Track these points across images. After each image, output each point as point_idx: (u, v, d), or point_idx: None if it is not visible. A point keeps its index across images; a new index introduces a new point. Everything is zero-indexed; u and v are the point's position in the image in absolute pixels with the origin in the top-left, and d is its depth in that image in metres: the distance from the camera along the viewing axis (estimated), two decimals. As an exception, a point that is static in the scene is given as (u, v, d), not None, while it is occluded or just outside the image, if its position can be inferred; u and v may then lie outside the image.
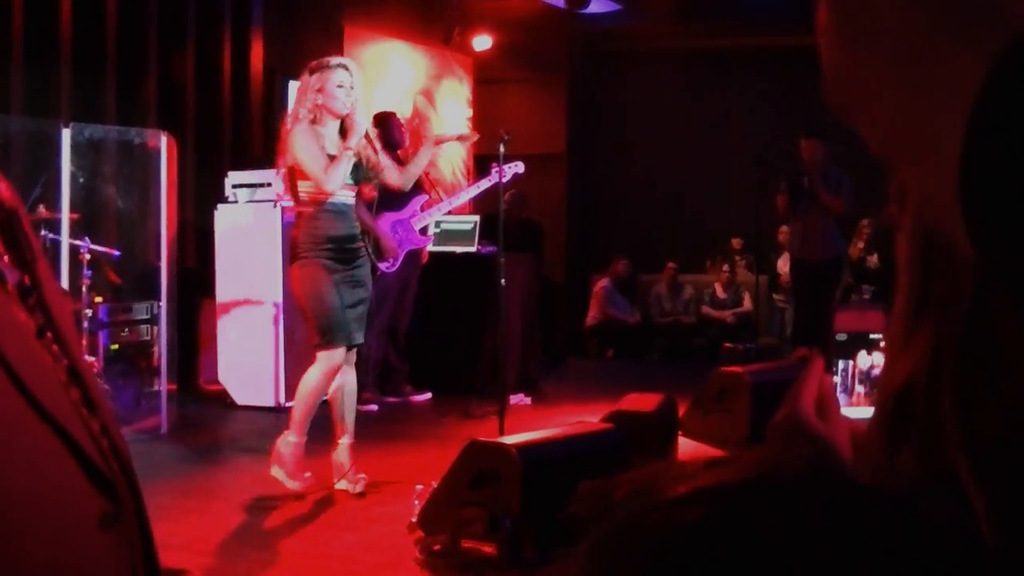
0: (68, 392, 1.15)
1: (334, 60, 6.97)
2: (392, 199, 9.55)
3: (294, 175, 6.79)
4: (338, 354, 6.77)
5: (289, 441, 6.85)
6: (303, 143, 6.70)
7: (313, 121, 6.77)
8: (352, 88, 6.83)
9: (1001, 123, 0.63)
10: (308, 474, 6.87)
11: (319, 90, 6.76)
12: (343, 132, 6.86)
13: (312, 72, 6.83)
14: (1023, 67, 0.63)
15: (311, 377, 6.79)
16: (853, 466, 1.07)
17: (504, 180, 10.12)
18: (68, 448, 1.09)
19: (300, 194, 6.80)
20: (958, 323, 0.79)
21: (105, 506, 1.14)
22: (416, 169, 7.82)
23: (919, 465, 0.87)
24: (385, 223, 10.00)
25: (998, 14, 0.67)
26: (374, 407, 10.18)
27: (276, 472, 6.85)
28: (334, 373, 6.81)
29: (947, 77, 0.68)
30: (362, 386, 10.21)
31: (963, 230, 0.65)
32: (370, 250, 9.73)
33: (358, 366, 6.90)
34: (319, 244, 6.71)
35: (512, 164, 10.07)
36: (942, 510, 0.71)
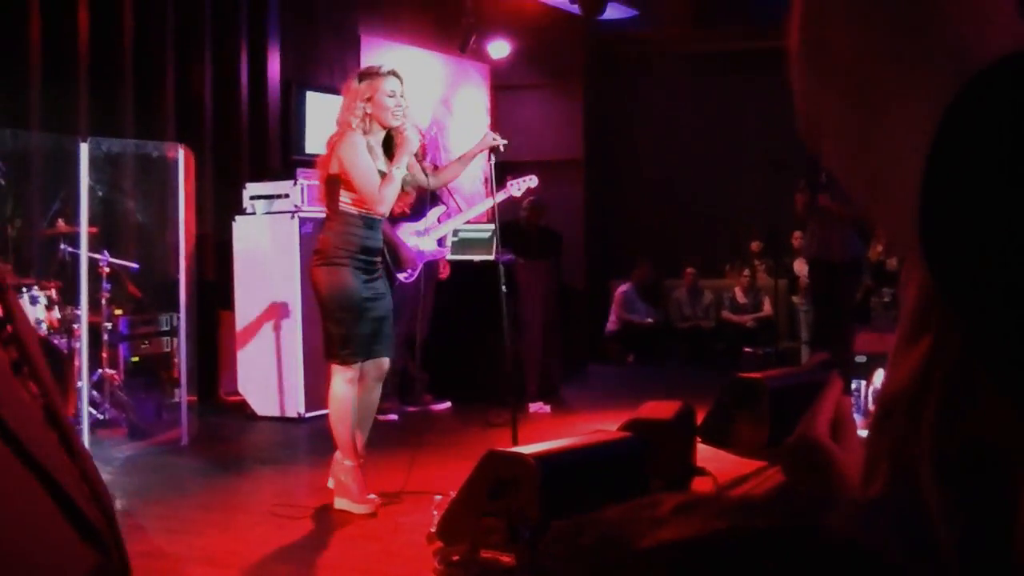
0: (48, 433, 1.08)
1: (384, 67, 6.77)
2: (410, 210, 9.58)
3: (338, 183, 6.64)
4: (353, 364, 6.72)
5: (346, 466, 6.73)
6: (356, 155, 6.56)
7: (363, 131, 6.65)
8: (402, 98, 6.71)
9: (957, 168, 0.64)
10: (373, 495, 6.77)
11: (368, 99, 6.61)
12: (387, 143, 6.77)
13: (361, 79, 6.69)
14: (975, 110, 0.64)
15: (334, 393, 6.71)
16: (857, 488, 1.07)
17: (518, 194, 10.18)
18: (53, 496, 1.04)
19: (341, 204, 6.67)
20: (953, 339, 0.79)
21: (94, 558, 1.08)
22: (448, 176, 7.74)
23: (891, 475, 0.88)
24: (404, 233, 10.02)
25: (950, 54, 0.68)
26: (394, 416, 10.19)
27: (341, 503, 6.74)
28: (355, 379, 6.74)
29: (903, 116, 0.69)
30: (382, 396, 10.25)
31: (925, 267, 0.66)
32: (389, 260, 9.79)
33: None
34: (352, 252, 6.63)
35: (526, 178, 10.12)
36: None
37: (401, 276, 9.94)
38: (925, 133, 0.65)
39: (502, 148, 7.39)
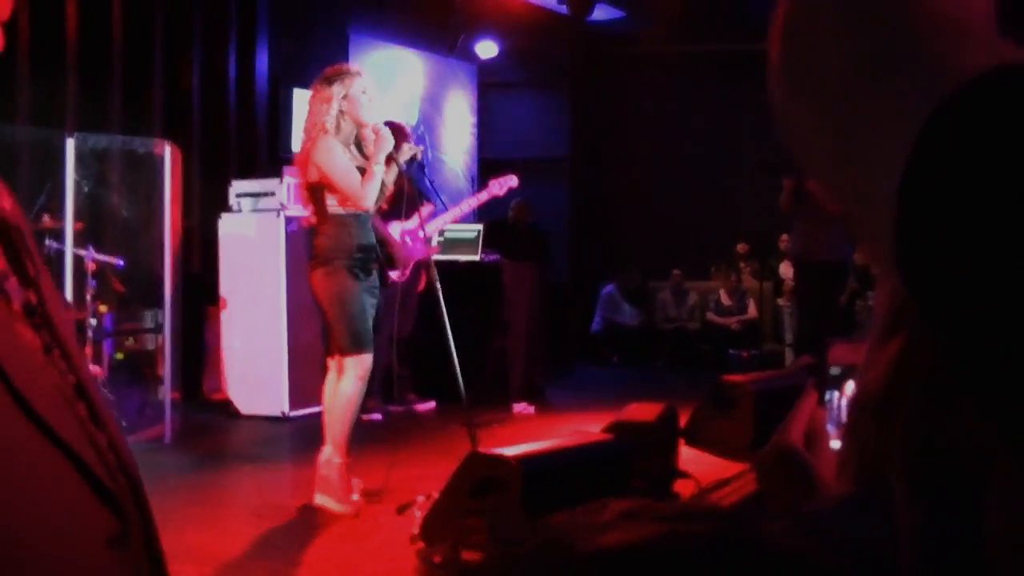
0: (74, 408, 1.16)
1: (352, 68, 6.91)
2: (397, 209, 9.57)
3: (322, 189, 6.68)
4: (368, 359, 6.74)
5: (334, 463, 6.68)
6: (333, 157, 6.62)
7: (336, 132, 6.70)
8: (372, 96, 6.81)
9: (934, 184, 0.65)
10: (355, 496, 6.75)
11: (344, 97, 6.68)
12: (357, 142, 6.82)
13: (331, 81, 6.73)
14: (952, 126, 0.65)
15: (346, 388, 6.68)
16: (833, 493, 1.09)
17: (501, 193, 10.20)
18: (74, 466, 1.11)
19: (329, 208, 6.70)
20: (924, 342, 0.80)
21: (112, 524, 1.15)
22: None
23: (857, 475, 0.89)
24: (394, 233, 10.02)
25: (928, 71, 0.69)
26: (378, 416, 10.19)
27: (322, 500, 6.69)
28: (366, 378, 6.77)
29: (881, 132, 0.69)
30: (367, 395, 10.23)
31: (900, 279, 0.67)
32: (382, 260, 9.79)
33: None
34: (349, 253, 6.66)
35: (507, 178, 10.16)
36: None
37: (393, 275, 9.95)
38: (903, 149, 0.66)
39: (418, 157, 7.35)
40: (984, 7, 0.74)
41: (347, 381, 6.69)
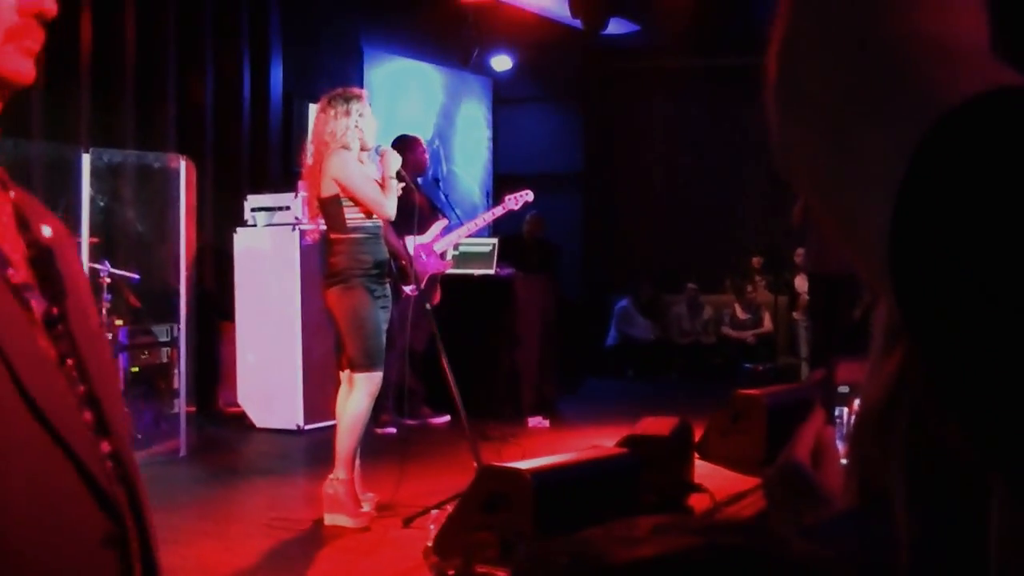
0: (80, 415, 1.23)
1: (362, 91, 7.06)
2: (408, 223, 9.59)
3: (339, 203, 6.72)
4: (379, 377, 6.76)
5: (341, 480, 6.69)
6: (353, 169, 6.70)
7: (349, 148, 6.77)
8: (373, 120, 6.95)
9: (925, 208, 0.65)
10: (366, 506, 6.76)
11: (361, 115, 6.79)
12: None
13: (348, 100, 6.81)
14: (944, 149, 0.65)
15: (356, 404, 6.69)
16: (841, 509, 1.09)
17: (516, 208, 10.23)
18: (74, 466, 1.18)
19: (349, 220, 6.74)
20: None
21: (108, 526, 1.22)
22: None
23: (859, 488, 0.90)
24: (408, 247, 10.03)
25: (922, 94, 0.69)
26: (393, 430, 10.19)
27: (333, 519, 6.68)
28: (376, 395, 6.80)
29: (874, 155, 0.70)
30: (381, 409, 10.23)
31: (892, 303, 0.67)
32: (396, 274, 9.81)
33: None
34: (365, 268, 6.71)
35: (523, 193, 10.20)
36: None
37: (407, 289, 9.94)
38: (896, 172, 0.66)
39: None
40: (978, 30, 0.74)
41: (357, 397, 6.70)
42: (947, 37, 0.72)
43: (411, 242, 9.95)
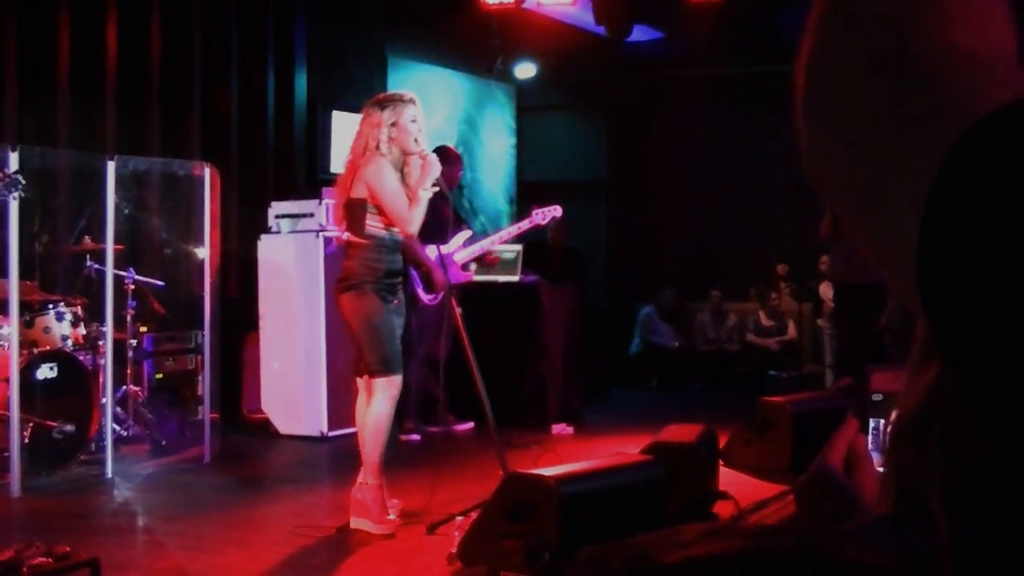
0: None
1: (406, 95, 6.92)
2: (436, 233, 9.60)
3: (364, 207, 6.70)
4: (399, 380, 6.76)
5: (369, 485, 6.70)
6: (386, 178, 6.66)
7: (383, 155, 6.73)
8: (422, 126, 6.86)
9: (954, 220, 0.64)
10: (392, 515, 6.76)
11: (393, 124, 6.73)
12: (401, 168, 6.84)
13: (383, 106, 6.78)
14: (972, 160, 0.64)
15: (378, 409, 6.69)
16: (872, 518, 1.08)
17: (543, 223, 10.24)
18: None
19: (368, 227, 6.73)
20: None
21: None
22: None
23: (897, 495, 0.89)
24: (431, 256, 10.04)
25: (950, 106, 0.68)
26: (417, 437, 10.20)
27: (359, 523, 6.70)
28: (397, 399, 6.79)
29: (903, 167, 0.69)
30: (404, 416, 10.25)
31: (922, 315, 0.66)
32: (422, 283, 9.82)
33: (400, 397, 6.78)
34: (377, 277, 6.69)
35: (550, 208, 10.24)
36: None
37: (426, 298, 9.98)
38: (924, 184, 0.66)
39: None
40: (1005, 41, 0.73)
41: (378, 403, 6.70)
42: (974, 50, 0.72)
43: (433, 251, 9.97)
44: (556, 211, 10.45)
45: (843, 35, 0.78)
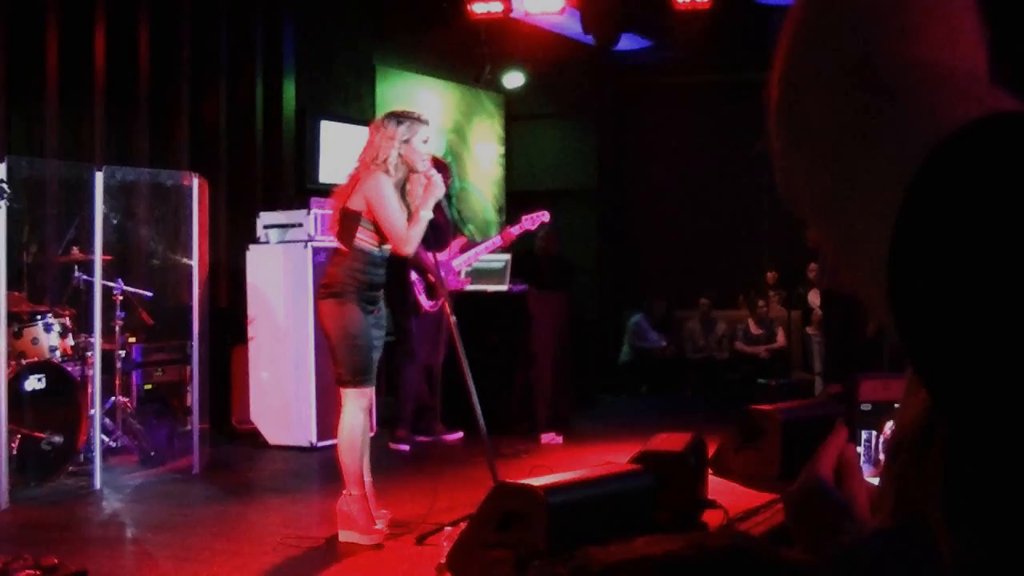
0: None
1: (422, 115, 6.98)
2: (432, 240, 9.59)
3: (357, 219, 6.69)
4: (370, 392, 6.76)
5: (353, 496, 6.71)
6: (386, 195, 6.65)
7: (391, 172, 6.74)
8: (431, 147, 6.94)
9: (923, 236, 0.64)
10: (379, 524, 6.76)
11: (406, 141, 6.75)
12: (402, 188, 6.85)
13: (400, 121, 6.80)
14: (941, 176, 0.65)
15: (349, 421, 6.68)
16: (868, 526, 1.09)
17: (532, 228, 10.24)
18: None
19: (357, 240, 6.72)
20: None
21: None
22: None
23: (895, 509, 0.90)
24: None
25: (920, 121, 0.68)
26: (406, 447, 10.19)
27: (347, 536, 6.71)
28: (368, 410, 6.79)
29: (873, 182, 0.69)
30: (397, 424, 10.25)
31: (893, 331, 0.67)
32: (424, 291, 9.85)
33: (397, 403, 6.77)
34: (358, 287, 6.68)
35: (539, 214, 10.24)
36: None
37: (428, 305, 10.03)
38: (893, 199, 0.66)
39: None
40: (976, 56, 0.74)
41: (348, 414, 6.71)
42: (945, 66, 0.72)
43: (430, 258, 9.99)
44: (544, 216, 10.47)
45: (815, 47, 0.79)
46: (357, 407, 6.70)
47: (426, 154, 6.83)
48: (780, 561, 0.78)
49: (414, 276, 10.05)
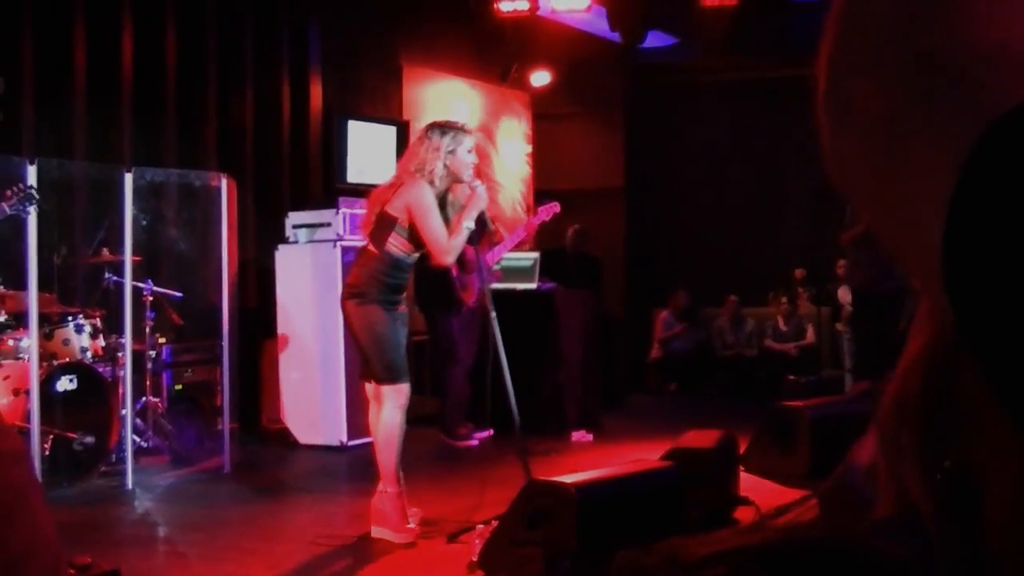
0: None
1: (467, 126, 7.04)
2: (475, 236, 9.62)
3: (392, 225, 6.68)
4: (406, 388, 6.76)
5: (388, 494, 6.72)
6: (431, 205, 6.65)
7: (434, 182, 6.73)
8: (475, 157, 6.93)
9: (978, 215, 0.64)
10: (412, 523, 6.77)
11: (452, 152, 6.75)
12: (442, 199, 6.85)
13: (445, 132, 6.81)
14: (997, 154, 0.64)
15: (388, 418, 6.69)
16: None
17: (547, 219, 10.23)
18: None
19: (389, 244, 6.71)
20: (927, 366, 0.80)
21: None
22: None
23: (893, 500, 0.89)
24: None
25: (974, 98, 0.68)
26: (475, 442, 10.26)
27: (379, 532, 6.73)
28: (406, 407, 6.78)
29: (926, 162, 0.69)
30: (459, 421, 10.29)
31: (949, 313, 0.66)
32: (460, 285, 9.90)
33: (446, 403, 6.75)
34: (381, 289, 6.69)
35: (549, 206, 10.21)
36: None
37: (469, 301, 10.11)
38: (948, 179, 0.65)
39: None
40: None
41: (387, 411, 6.70)
42: (1000, 45, 0.71)
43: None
44: (555, 207, 10.43)
45: (865, 31, 0.78)
46: (395, 404, 6.70)
47: (471, 164, 6.84)
48: (877, 553, 0.77)
49: (455, 272, 10.07)
